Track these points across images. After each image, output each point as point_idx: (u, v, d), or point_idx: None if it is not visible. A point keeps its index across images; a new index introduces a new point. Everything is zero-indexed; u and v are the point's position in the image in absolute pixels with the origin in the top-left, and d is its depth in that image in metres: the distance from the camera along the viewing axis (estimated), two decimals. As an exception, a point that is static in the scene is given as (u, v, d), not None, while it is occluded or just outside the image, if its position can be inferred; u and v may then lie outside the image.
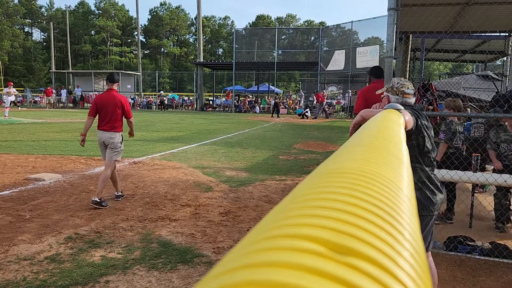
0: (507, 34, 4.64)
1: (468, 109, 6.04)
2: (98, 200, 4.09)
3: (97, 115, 4.29)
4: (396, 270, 0.20)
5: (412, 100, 2.17)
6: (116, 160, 4.29)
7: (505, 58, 5.52)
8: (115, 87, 4.37)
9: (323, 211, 0.26)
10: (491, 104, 4.46)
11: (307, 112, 20.48)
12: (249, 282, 0.17)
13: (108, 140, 4.23)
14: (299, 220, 0.24)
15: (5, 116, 15.47)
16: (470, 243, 3.06)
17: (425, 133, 2.02)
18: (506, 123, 3.75)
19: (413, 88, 2.19)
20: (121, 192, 4.49)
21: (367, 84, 3.89)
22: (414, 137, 2.00)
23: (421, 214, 2.07)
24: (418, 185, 2.08)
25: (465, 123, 4.42)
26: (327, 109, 21.91)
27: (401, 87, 2.15)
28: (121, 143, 4.32)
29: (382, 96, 2.27)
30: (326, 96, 21.83)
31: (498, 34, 4.71)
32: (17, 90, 19.44)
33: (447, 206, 3.89)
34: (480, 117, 4.32)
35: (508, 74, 5.05)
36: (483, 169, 3.73)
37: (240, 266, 0.19)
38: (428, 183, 2.10)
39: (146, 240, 3.28)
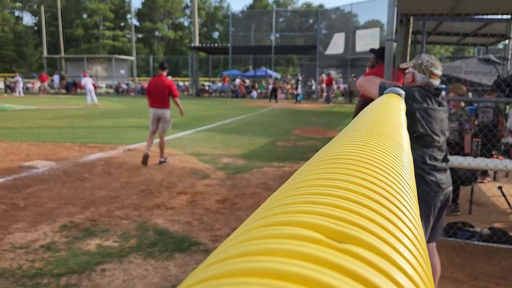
0: (509, 16, 4.53)
1: (470, 94, 5.98)
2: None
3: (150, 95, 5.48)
4: (395, 257, 0.20)
5: (437, 82, 2.01)
6: (167, 129, 5.56)
7: (507, 41, 5.42)
8: (164, 73, 5.44)
9: (321, 197, 0.25)
10: (492, 88, 4.39)
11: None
12: (244, 270, 0.17)
13: (162, 115, 5.41)
14: (296, 207, 0.24)
15: None
16: (469, 229, 3.05)
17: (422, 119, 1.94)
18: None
19: (441, 69, 2.03)
20: (165, 159, 5.53)
21: (368, 66, 3.79)
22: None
23: (437, 194, 1.98)
24: (438, 167, 1.98)
25: (467, 108, 4.34)
26: (324, 94, 21.75)
27: (430, 67, 1.97)
28: (170, 116, 5.53)
29: (407, 71, 2.08)
30: (324, 81, 21.60)
31: (500, 17, 4.60)
32: (8, 76, 19.06)
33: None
34: (482, 101, 4.25)
35: (509, 57, 4.96)
36: (491, 156, 3.63)
37: (235, 255, 0.19)
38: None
39: (142, 228, 3.25)
